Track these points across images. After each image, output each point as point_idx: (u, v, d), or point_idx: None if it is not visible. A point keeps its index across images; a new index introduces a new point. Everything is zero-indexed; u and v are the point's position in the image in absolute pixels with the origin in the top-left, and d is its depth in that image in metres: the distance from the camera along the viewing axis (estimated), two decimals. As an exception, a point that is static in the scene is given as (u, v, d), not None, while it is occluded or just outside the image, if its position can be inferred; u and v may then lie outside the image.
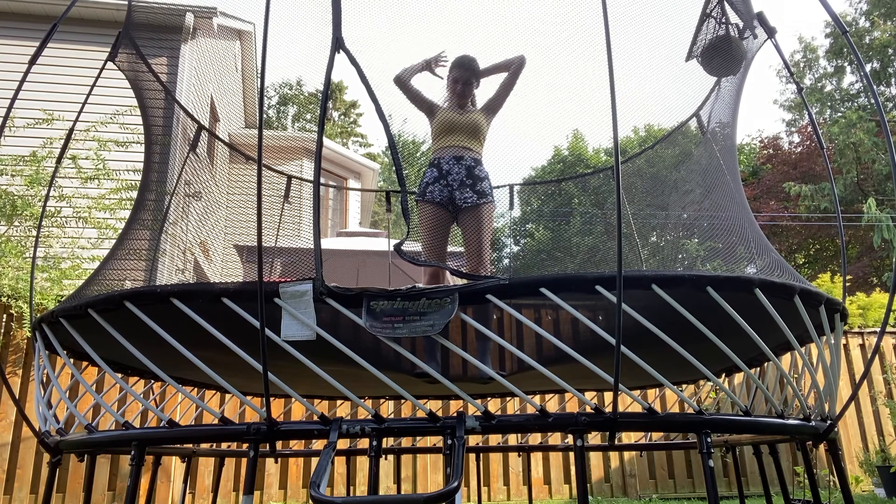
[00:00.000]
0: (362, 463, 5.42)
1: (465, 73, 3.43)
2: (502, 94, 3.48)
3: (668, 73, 3.60)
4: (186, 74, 8.67)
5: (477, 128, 3.40)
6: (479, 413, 2.02)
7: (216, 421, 2.19)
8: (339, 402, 4.92)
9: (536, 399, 4.78)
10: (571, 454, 5.63)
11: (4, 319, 5.16)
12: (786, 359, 5.59)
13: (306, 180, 5.48)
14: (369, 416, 2.04)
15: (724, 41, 3.19)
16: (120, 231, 5.21)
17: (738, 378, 5.97)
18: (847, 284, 3.42)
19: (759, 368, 3.45)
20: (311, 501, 1.73)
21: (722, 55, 3.22)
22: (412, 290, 2.00)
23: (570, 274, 2.23)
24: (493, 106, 3.50)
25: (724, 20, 3.23)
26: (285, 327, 2.00)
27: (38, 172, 6.00)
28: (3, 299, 5.13)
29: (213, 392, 3.93)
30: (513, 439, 4.96)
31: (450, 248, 3.61)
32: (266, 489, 5.41)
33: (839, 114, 21.44)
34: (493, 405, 4.93)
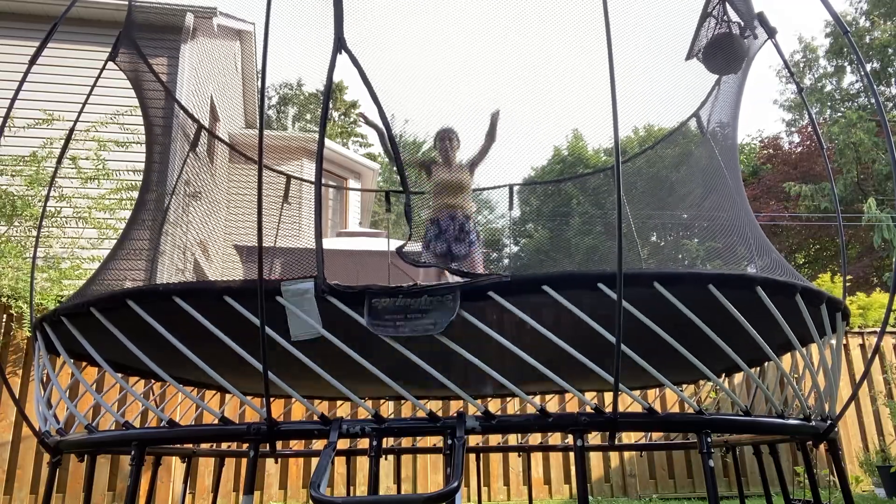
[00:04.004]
0: (362, 463, 5.42)
1: (444, 144, 4.36)
2: (479, 158, 4.41)
3: (668, 73, 3.60)
4: (186, 74, 8.67)
5: (463, 187, 4.32)
6: (479, 413, 2.02)
7: (216, 421, 2.19)
8: (339, 402, 4.92)
9: (536, 399, 4.77)
10: (571, 454, 5.63)
11: (4, 319, 5.16)
12: (786, 358, 5.59)
13: (307, 181, 5.48)
14: (369, 416, 2.04)
15: (726, 38, 3.18)
16: (120, 231, 5.21)
17: (738, 378, 5.97)
18: (847, 284, 3.43)
19: (758, 368, 3.45)
20: (311, 501, 1.73)
21: (723, 52, 3.21)
22: (414, 287, 2.00)
23: (572, 272, 2.23)
24: (475, 162, 4.42)
25: (724, 18, 3.23)
26: (293, 327, 2.00)
27: (38, 173, 6.00)
28: (3, 299, 5.13)
29: (214, 392, 3.93)
30: (513, 439, 4.96)
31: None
32: (266, 489, 5.41)
33: (839, 114, 21.45)
34: (494, 405, 4.93)
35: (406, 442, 4.66)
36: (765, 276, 2.11)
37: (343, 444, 4.49)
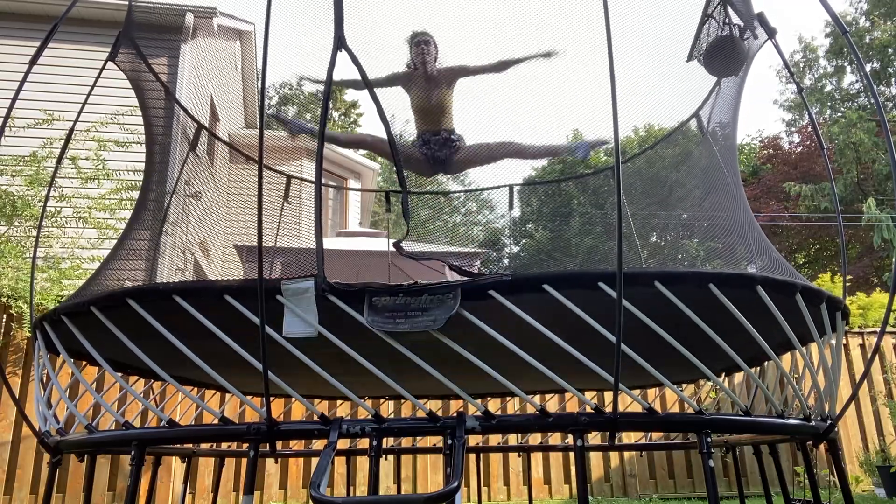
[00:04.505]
0: (362, 463, 5.42)
1: (420, 49, 3.73)
2: (467, 72, 3.79)
3: (668, 73, 3.61)
4: (186, 74, 8.67)
5: (445, 105, 3.81)
6: (479, 413, 2.02)
7: (216, 421, 2.19)
8: (339, 402, 4.92)
9: (536, 399, 4.77)
10: (571, 454, 5.63)
11: (4, 319, 5.16)
12: (786, 358, 5.59)
13: (307, 180, 5.48)
14: (369, 416, 2.04)
15: (727, 41, 3.19)
16: (120, 231, 5.21)
17: (738, 378, 5.97)
18: (847, 284, 3.43)
19: (758, 368, 3.45)
20: (311, 501, 1.73)
21: (724, 56, 3.22)
22: (414, 285, 2.00)
23: (573, 271, 2.23)
24: (461, 71, 3.79)
25: (725, 21, 3.23)
26: (287, 324, 2.00)
27: (38, 173, 6.00)
28: (3, 299, 5.13)
29: (213, 392, 3.93)
30: (513, 439, 4.96)
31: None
32: (266, 489, 5.41)
33: (839, 114, 21.46)
34: (493, 405, 4.94)
35: (406, 442, 4.66)
36: (765, 276, 2.11)
37: (343, 444, 4.49)
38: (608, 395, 2.44)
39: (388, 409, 5.35)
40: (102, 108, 6.20)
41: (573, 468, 5.78)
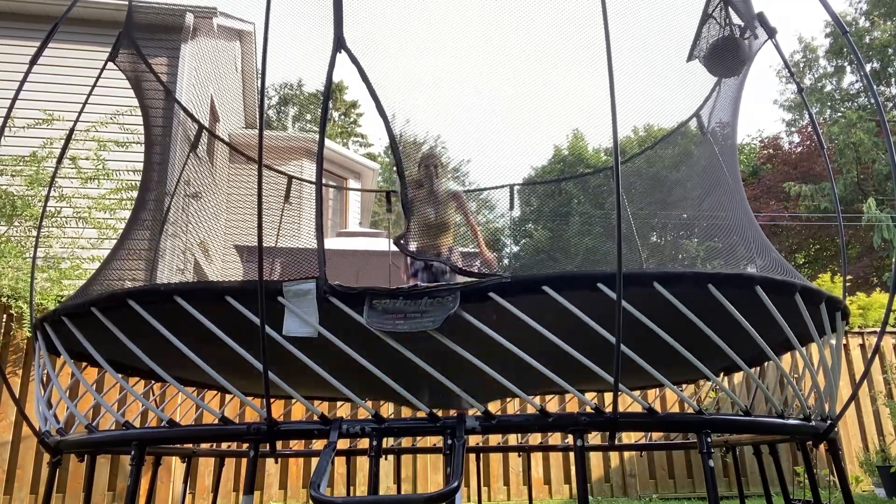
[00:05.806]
0: (362, 463, 5.42)
1: (427, 171, 3.90)
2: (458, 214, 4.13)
3: (669, 73, 3.60)
4: (186, 74, 8.67)
5: (446, 225, 3.99)
6: (479, 413, 2.02)
7: (216, 421, 2.19)
8: (339, 402, 4.92)
9: (536, 399, 4.77)
10: (571, 454, 5.63)
11: (4, 319, 5.16)
12: (786, 358, 5.59)
13: (307, 181, 5.48)
14: (369, 416, 2.04)
15: (729, 42, 3.19)
16: (120, 231, 5.21)
17: (738, 378, 5.97)
18: (847, 284, 3.43)
19: (758, 368, 3.45)
20: (311, 501, 1.73)
21: (725, 56, 3.22)
22: (414, 288, 2.00)
23: (573, 272, 2.23)
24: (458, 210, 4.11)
25: (726, 21, 3.23)
26: (288, 324, 2.00)
27: (38, 173, 6.00)
28: (3, 299, 5.13)
29: (214, 392, 3.93)
30: (513, 439, 4.96)
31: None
32: (266, 489, 5.41)
33: (839, 114, 21.46)
34: (494, 405, 4.94)
35: (406, 442, 4.66)
36: (764, 276, 2.11)
37: (343, 444, 4.49)
38: (608, 396, 2.44)
39: (388, 409, 5.35)
40: (102, 108, 6.21)
41: (573, 468, 5.78)
